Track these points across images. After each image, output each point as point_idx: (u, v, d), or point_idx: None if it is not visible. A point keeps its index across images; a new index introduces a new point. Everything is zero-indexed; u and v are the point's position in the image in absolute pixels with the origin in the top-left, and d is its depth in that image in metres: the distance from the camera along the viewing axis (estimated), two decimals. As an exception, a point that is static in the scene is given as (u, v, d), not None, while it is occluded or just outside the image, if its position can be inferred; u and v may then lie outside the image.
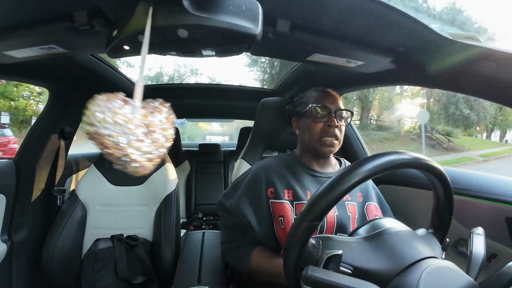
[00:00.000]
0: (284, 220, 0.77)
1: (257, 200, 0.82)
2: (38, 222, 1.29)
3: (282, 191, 0.81)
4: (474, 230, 0.53)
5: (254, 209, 0.81)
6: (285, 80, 1.59)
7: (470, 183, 0.92)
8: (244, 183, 0.86)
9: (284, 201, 0.80)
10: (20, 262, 1.17)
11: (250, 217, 0.80)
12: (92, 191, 1.31)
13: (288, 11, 0.62)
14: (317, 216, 0.45)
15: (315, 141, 0.83)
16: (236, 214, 0.82)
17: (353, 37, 0.73)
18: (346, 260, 0.47)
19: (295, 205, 0.79)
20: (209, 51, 0.69)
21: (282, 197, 0.80)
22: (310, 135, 0.84)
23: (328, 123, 0.82)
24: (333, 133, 0.81)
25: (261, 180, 0.84)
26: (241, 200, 0.83)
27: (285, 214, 0.77)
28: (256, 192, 0.83)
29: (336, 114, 0.82)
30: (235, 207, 0.82)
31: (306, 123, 0.86)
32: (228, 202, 0.85)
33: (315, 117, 0.83)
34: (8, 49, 0.75)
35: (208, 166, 2.67)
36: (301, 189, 0.82)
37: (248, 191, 0.84)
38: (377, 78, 0.96)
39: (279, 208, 0.79)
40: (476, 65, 0.66)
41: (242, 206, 0.82)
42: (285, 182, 0.83)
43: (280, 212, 0.78)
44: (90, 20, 0.61)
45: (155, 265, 1.19)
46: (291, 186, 0.82)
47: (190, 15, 0.48)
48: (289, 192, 0.81)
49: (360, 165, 0.44)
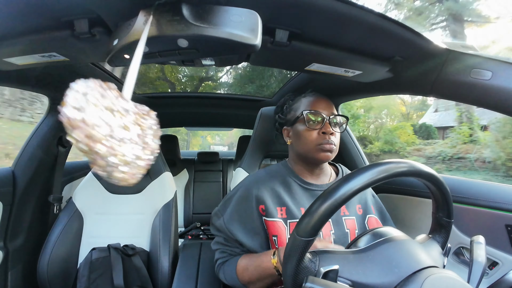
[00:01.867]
0: (277, 240, 0.74)
1: (248, 218, 0.79)
2: (35, 230, 1.27)
3: (274, 209, 0.78)
4: (475, 238, 0.53)
5: (245, 228, 0.79)
6: (284, 89, 1.61)
7: (470, 191, 0.92)
8: (234, 200, 0.84)
9: (277, 219, 0.76)
10: (16, 270, 1.15)
11: (240, 237, 0.79)
12: (89, 199, 1.29)
13: (287, 21, 0.63)
14: (310, 232, 0.44)
15: (311, 149, 0.79)
16: (226, 234, 0.81)
17: (350, 47, 0.74)
18: (343, 275, 0.46)
19: (289, 224, 0.76)
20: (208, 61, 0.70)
21: (275, 215, 0.77)
22: (305, 143, 0.80)
23: (322, 129, 0.78)
24: (329, 140, 0.77)
25: (251, 197, 0.80)
26: (230, 220, 0.81)
27: (279, 233, 0.75)
28: (247, 211, 0.80)
29: (330, 120, 0.79)
30: (224, 227, 0.81)
31: (298, 131, 0.82)
32: (218, 222, 0.84)
33: (308, 124, 0.79)
34: (9, 56, 0.75)
35: (207, 174, 2.66)
36: (295, 205, 0.79)
37: (238, 209, 0.82)
38: (374, 87, 0.97)
39: (272, 227, 0.76)
40: (472, 73, 0.67)
41: (231, 226, 0.80)
42: (277, 199, 0.80)
43: (274, 232, 0.76)
44: (91, 29, 0.62)
45: (152, 275, 1.17)
46: (284, 203, 0.79)
47: (190, 25, 0.49)
48: (282, 210, 0.78)
49: (352, 177, 0.44)
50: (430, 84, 0.78)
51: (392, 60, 0.79)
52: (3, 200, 1.12)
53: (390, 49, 0.74)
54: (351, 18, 0.59)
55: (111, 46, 0.57)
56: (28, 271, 1.20)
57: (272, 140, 1.13)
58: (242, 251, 0.82)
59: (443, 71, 0.73)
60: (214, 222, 0.85)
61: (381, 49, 0.75)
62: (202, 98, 1.99)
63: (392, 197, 1.22)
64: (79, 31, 0.62)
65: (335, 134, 0.80)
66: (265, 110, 1.12)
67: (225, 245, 0.84)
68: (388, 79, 0.88)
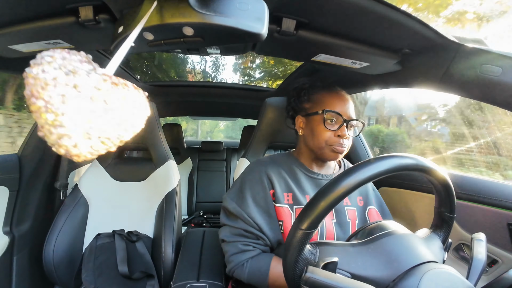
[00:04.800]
0: (283, 225, 0.75)
1: (264, 201, 0.78)
2: (40, 215, 1.30)
3: (281, 194, 0.78)
4: (475, 236, 0.53)
5: (262, 212, 0.77)
6: (290, 80, 1.59)
7: (473, 188, 0.91)
8: (247, 184, 0.81)
9: (283, 205, 0.77)
10: (21, 256, 1.18)
11: (258, 220, 0.75)
12: (94, 186, 1.31)
13: (294, 10, 0.62)
14: (311, 225, 0.44)
15: (322, 147, 0.78)
16: (243, 217, 0.77)
17: (358, 38, 0.72)
18: (342, 267, 0.47)
19: (295, 210, 0.76)
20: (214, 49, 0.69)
21: (281, 201, 0.77)
22: (318, 141, 0.78)
23: (338, 132, 0.77)
24: (341, 143, 0.76)
25: (264, 180, 0.80)
26: (245, 203, 0.78)
27: (285, 219, 0.75)
28: (262, 195, 0.79)
29: (348, 124, 0.78)
30: (240, 211, 0.77)
31: (313, 126, 0.80)
32: (232, 206, 0.79)
33: (326, 124, 0.77)
34: (14, 43, 0.76)
35: (211, 163, 2.68)
36: (300, 192, 0.79)
37: (252, 193, 0.79)
38: (382, 79, 0.96)
39: (279, 212, 0.76)
40: (482, 69, 0.65)
41: (248, 209, 0.77)
42: (284, 185, 0.80)
43: (280, 217, 0.76)
44: (96, 16, 0.62)
45: (155, 261, 1.19)
46: (290, 189, 0.79)
47: (195, 12, 0.48)
48: (289, 196, 0.78)
49: (355, 170, 0.43)
50: (438, 78, 0.77)
51: (400, 52, 0.77)
52: (9, 186, 1.14)
53: (399, 41, 0.73)
54: (360, 8, 0.58)
55: (116, 33, 0.57)
56: (34, 256, 1.23)
57: (276, 131, 1.13)
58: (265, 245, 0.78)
59: (452, 65, 0.71)
60: (228, 206, 0.80)
61: (389, 41, 0.73)
62: (207, 87, 1.98)
63: (392, 191, 1.22)
64: (84, 18, 0.62)
65: (349, 138, 0.79)
66: (270, 100, 1.12)
67: (246, 237, 0.78)
68: (396, 72, 0.87)
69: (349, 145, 0.79)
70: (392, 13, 0.59)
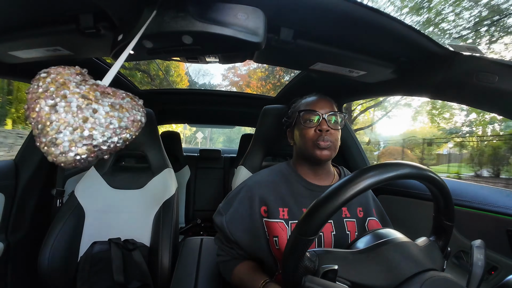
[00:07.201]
0: (278, 241, 0.75)
1: (250, 219, 0.80)
2: (36, 223, 1.28)
3: (276, 210, 0.78)
4: (475, 243, 0.53)
5: (245, 229, 0.80)
6: (288, 88, 1.60)
7: (472, 195, 0.91)
8: (237, 200, 0.84)
9: (278, 220, 0.77)
10: (16, 263, 1.16)
11: (239, 238, 0.80)
12: (91, 194, 1.30)
13: (292, 19, 0.63)
14: (311, 232, 0.44)
15: (308, 147, 0.80)
16: (225, 233, 0.82)
17: (355, 47, 0.73)
18: (342, 275, 0.46)
19: (290, 225, 0.77)
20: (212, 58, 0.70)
21: (276, 216, 0.77)
22: (304, 141, 0.81)
23: (318, 127, 0.79)
24: (324, 138, 0.78)
25: (254, 198, 0.81)
26: (232, 219, 0.82)
27: (280, 234, 0.75)
28: (249, 211, 0.81)
29: (327, 118, 0.79)
30: (224, 227, 0.81)
31: (298, 130, 0.84)
32: (219, 220, 0.84)
33: (305, 123, 0.80)
34: (14, 49, 0.76)
35: (209, 172, 2.67)
36: (297, 206, 0.79)
37: (240, 210, 0.82)
38: (379, 87, 0.96)
39: (273, 228, 0.76)
40: (477, 76, 0.66)
41: (231, 226, 0.81)
42: (280, 199, 0.80)
43: (274, 232, 0.76)
44: (96, 24, 0.62)
45: (152, 270, 1.18)
46: (286, 204, 0.79)
47: (195, 21, 0.49)
48: (284, 210, 0.79)
49: (354, 178, 0.43)
50: (435, 86, 0.78)
51: (397, 61, 0.78)
52: (5, 192, 1.13)
53: (395, 50, 0.74)
54: (357, 18, 0.59)
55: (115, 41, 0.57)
56: (29, 263, 1.21)
57: (275, 139, 1.13)
58: (239, 254, 0.83)
59: (449, 73, 0.72)
60: (216, 219, 0.86)
61: (386, 50, 0.74)
62: (206, 95, 1.99)
63: (391, 198, 1.22)
64: (84, 26, 0.62)
65: (332, 131, 0.80)
66: (268, 108, 1.12)
67: (224, 245, 0.86)
68: (392, 80, 0.88)
69: (335, 140, 0.80)
70: (389, 22, 0.60)
